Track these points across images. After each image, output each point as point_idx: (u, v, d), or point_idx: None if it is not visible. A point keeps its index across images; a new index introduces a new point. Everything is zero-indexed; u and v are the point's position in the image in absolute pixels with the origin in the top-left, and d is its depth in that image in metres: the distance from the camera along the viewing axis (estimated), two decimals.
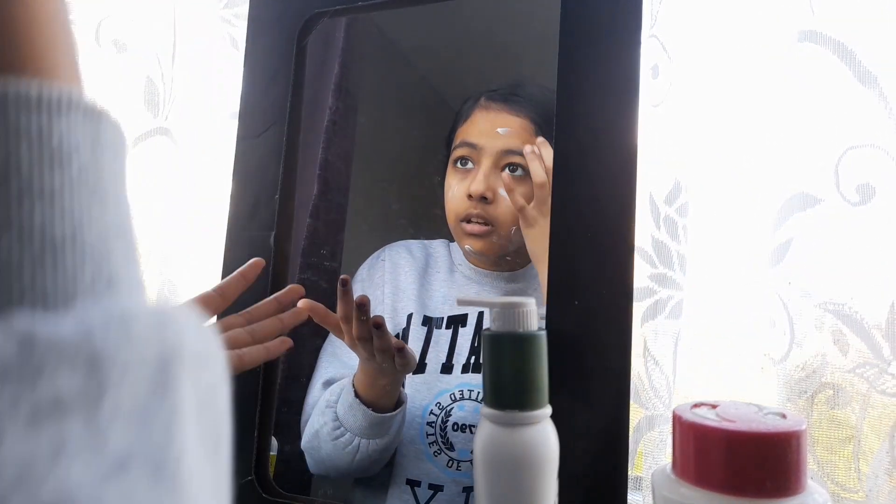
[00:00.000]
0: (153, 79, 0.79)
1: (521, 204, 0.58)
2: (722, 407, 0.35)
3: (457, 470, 0.59)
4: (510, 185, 0.59)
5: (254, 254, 0.68)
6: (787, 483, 0.31)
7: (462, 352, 0.61)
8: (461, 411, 0.60)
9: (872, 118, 0.52)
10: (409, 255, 0.66)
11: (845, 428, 0.53)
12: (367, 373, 0.60)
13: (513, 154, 0.60)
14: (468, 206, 0.61)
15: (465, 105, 0.65)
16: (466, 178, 0.61)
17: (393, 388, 0.60)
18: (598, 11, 0.57)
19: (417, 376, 0.62)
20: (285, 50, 0.70)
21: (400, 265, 0.66)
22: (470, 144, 0.62)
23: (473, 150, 0.62)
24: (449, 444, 0.60)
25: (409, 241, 0.67)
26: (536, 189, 0.58)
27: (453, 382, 0.60)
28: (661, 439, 0.59)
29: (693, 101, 0.60)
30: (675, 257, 0.59)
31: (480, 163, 0.61)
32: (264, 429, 0.65)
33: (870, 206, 0.52)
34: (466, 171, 0.62)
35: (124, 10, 0.80)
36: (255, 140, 0.70)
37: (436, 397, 0.60)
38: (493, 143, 0.61)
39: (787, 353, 0.55)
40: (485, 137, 0.61)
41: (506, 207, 0.60)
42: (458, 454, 0.59)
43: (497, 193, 0.61)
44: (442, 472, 0.59)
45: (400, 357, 0.58)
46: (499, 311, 0.37)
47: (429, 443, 0.60)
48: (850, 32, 0.52)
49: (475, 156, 0.62)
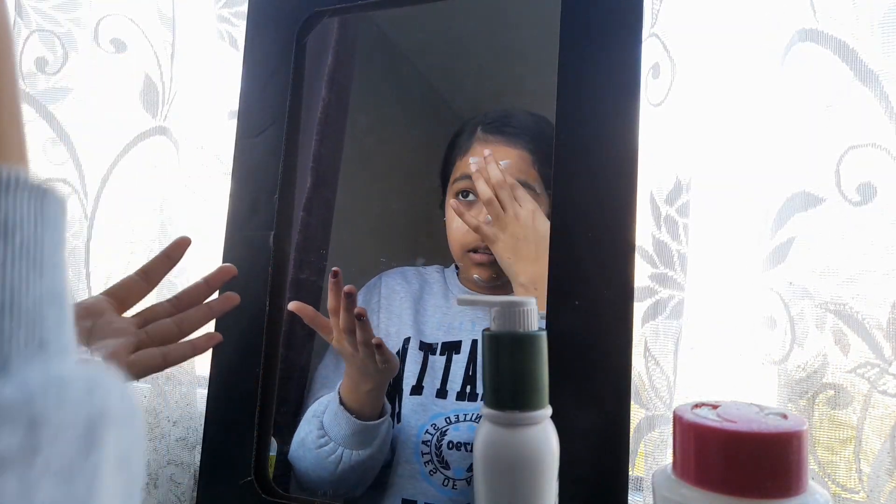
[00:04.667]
0: (152, 78, 0.78)
1: (475, 224, 0.60)
2: (723, 407, 0.34)
3: (452, 489, 0.59)
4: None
5: (253, 253, 0.68)
6: (788, 483, 0.31)
7: (456, 379, 0.61)
8: (456, 431, 0.60)
9: (873, 118, 0.52)
10: (404, 282, 0.67)
11: (846, 428, 0.53)
12: (352, 377, 0.60)
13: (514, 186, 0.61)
14: (473, 237, 0.62)
15: (461, 138, 0.65)
16: (470, 209, 0.62)
17: (377, 394, 0.60)
18: (598, 11, 0.57)
19: (414, 397, 0.62)
20: (284, 49, 0.70)
21: (396, 291, 0.66)
22: (471, 178, 0.62)
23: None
24: (444, 462, 0.59)
25: (404, 268, 0.67)
26: (486, 206, 0.59)
27: (448, 407, 0.61)
28: (661, 440, 0.59)
29: (694, 100, 0.60)
30: (676, 257, 0.59)
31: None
32: (264, 429, 0.65)
33: (871, 206, 0.52)
34: (469, 203, 0.62)
35: (123, 10, 0.80)
36: (255, 139, 0.70)
37: (431, 419, 0.61)
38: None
39: (788, 353, 0.55)
40: (485, 170, 0.62)
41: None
42: (454, 473, 0.59)
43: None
44: (438, 492, 0.59)
45: (379, 353, 0.58)
46: (499, 311, 0.37)
47: (424, 462, 0.60)
48: (851, 32, 0.52)
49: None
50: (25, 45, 0.80)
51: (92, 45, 0.80)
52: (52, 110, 0.80)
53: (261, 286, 0.67)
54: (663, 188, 0.59)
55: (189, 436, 0.77)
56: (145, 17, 0.79)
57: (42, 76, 0.80)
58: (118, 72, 0.80)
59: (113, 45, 0.80)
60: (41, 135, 0.80)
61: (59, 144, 0.80)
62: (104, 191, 0.80)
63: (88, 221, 0.80)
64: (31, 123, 0.80)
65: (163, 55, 0.78)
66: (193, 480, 0.76)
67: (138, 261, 0.83)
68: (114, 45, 0.80)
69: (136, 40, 0.80)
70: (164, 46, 0.78)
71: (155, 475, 0.75)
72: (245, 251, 0.69)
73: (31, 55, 0.80)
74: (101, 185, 0.80)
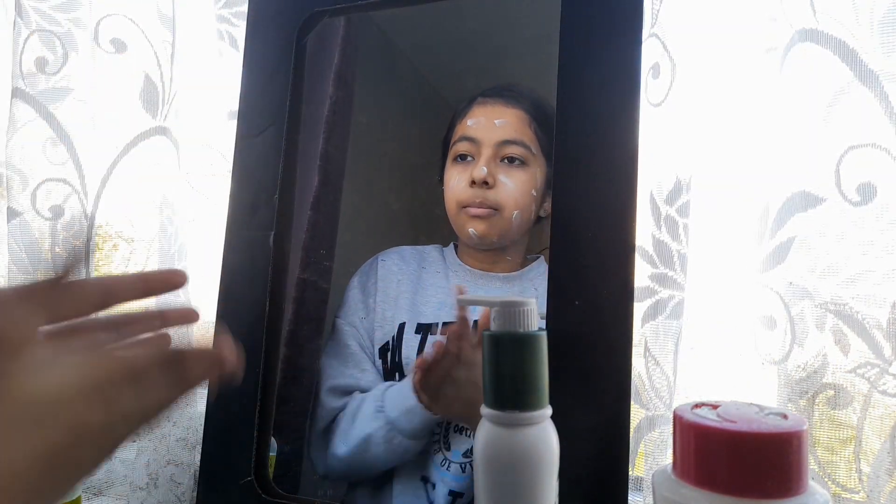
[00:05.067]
0: (152, 78, 0.78)
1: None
2: (723, 407, 0.34)
3: (447, 469, 0.60)
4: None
5: (254, 253, 0.68)
6: (788, 483, 0.31)
7: None
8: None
9: (873, 118, 0.52)
10: (401, 262, 0.66)
11: (846, 428, 0.53)
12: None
13: (511, 144, 0.62)
14: (470, 193, 0.62)
15: (461, 106, 0.66)
16: (467, 169, 0.63)
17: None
18: (598, 11, 0.57)
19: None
20: (284, 49, 0.70)
21: (392, 272, 0.66)
22: (469, 139, 0.63)
23: (473, 143, 0.63)
24: (448, 443, 0.60)
25: (402, 248, 0.67)
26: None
27: None
28: (661, 440, 0.59)
29: (694, 100, 0.60)
30: (676, 257, 0.59)
31: (481, 154, 0.62)
32: (264, 429, 0.65)
33: (871, 206, 0.52)
34: (466, 164, 0.63)
35: (123, 10, 0.80)
36: (255, 139, 0.70)
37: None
38: (492, 134, 0.62)
39: (788, 353, 0.55)
40: (483, 131, 0.63)
41: (507, 193, 0.61)
42: (452, 455, 0.60)
43: (498, 179, 0.62)
44: (434, 469, 0.60)
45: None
46: (499, 311, 0.37)
47: (434, 440, 0.61)
48: (851, 32, 0.52)
49: (474, 150, 0.63)
50: (25, 45, 0.80)
51: (92, 45, 0.80)
52: (52, 110, 0.80)
53: (261, 286, 0.67)
54: (663, 188, 0.59)
55: (189, 436, 0.77)
56: (145, 18, 0.79)
57: (42, 76, 0.80)
58: (118, 72, 0.80)
59: (113, 45, 0.80)
60: (41, 135, 0.80)
61: (60, 144, 0.80)
62: (104, 191, 0.80)
63: (89, 221, 0.80)
64: (32, 123, 0.80)
65: (163, 55, 0.78)
66: (193, 480, 0.76)
67: (138, 260, 0.83)
68: (114, 45, 0.80)
69: (136, 40, 0.80)
70: (164, 46, 0.78)
71: (155, 475, 0.75)
72: (245, 251, 0.69)
73: (32, 55, 0.80)
74: (101, 185, 0.80)
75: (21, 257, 0.80)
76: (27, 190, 0.80)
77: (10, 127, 0.80)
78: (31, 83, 0.80)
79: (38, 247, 0.80)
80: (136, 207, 0.81)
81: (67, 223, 0.80)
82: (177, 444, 0.76)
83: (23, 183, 0.80)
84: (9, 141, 0.80)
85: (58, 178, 0.80)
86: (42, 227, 0.80)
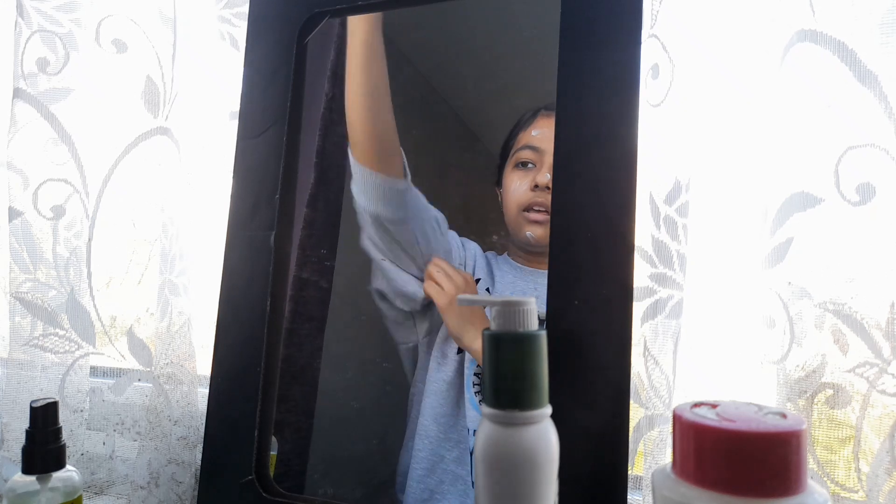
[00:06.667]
0: (153, 78, 0.79)
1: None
2: (722, 406, 0.35)
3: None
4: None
5: (254, 253, 0.68)
6: (788, 483, 0.31)
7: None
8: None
9: (873, 118, 0.52)
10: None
11: (845, 428, 0.53)
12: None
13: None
14: (532, 196, 0.64)
15: (525, 116, 0.67)
16: (528, 175, 0.65)
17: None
18: (598, 11, 0.57)
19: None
20: (285, 49, 0.70)
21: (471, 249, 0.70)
22: (533, 147, 0.65)
23: (536, 152, 0.65)
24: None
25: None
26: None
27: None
28: (661, 439, 0.59)
29: (693, 100, 0.60)
30: (675, 257, 0.59)
31: (543, 162, 0.64)
32: (264, 428, 0.65)
33: (870, 206, 0.52)
34: (528, 170, 0.65)
35: (124, 11, 0.80)
36: (256, 140, 0.70)
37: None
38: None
39: (787, 352, 0.55)
40: (547, 141, 0.64)
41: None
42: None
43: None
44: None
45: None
46: (499, 311, 0.37)
47: (475, 391, 0.63)
48: (850, 32, 0.52)
49: (537, 158, 0.65)
50: (27, 46, 0.80)
51: (93, 45, 0.80)
52: (53, 110, 0.80)
53: (262, 286, 0.67)
54: (662, 188, 0.60)
55: (190, 435, 0.77)
56: (146, 18, 0.80)
57: (43, 76, 0.80)
58: (119, 72, 0.80)
59: (114, 46, 0.80)
60: (43, 135, 0.80)
61: (61, 144, 0.80)
62: (106, 191, 0.81)
63: (90, 221, 0.80)
64: (33, 124, 0.80)
65: (164, 56, 0.79)
66: (195, 479, 0.77)
67: (140, 260, 0.83)
68: (115, 46, 0.80)
69: (138, 41, 0.80)
70: (166, 47, 0.79)
71: (156, 474, 0.76)
72: (246, 251, 0.69)
73: (33, 55, 0.80)
74: (102, 184, 0.81)
75: (22, 257, 0.80)
76: (28, 190, 0.80)
77: (12, 127, 0.80)
78: (32, 83, 0.80)
79: (39, 247, 0.80)
80: (137, 207, 0.81)
81: (68, 223, 0.81)
82: (178, 442, 0.76)
83: (24, 183, 0.80)
84: (10, 141, 0.80)
85: (59, 178, 0.80)
86: (43, 227, 0.80)
